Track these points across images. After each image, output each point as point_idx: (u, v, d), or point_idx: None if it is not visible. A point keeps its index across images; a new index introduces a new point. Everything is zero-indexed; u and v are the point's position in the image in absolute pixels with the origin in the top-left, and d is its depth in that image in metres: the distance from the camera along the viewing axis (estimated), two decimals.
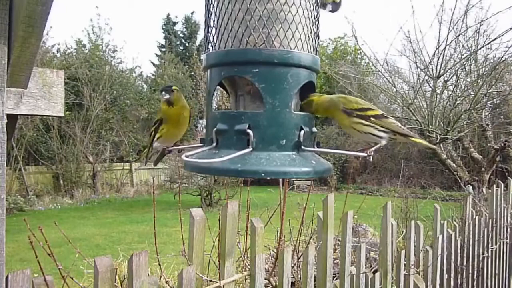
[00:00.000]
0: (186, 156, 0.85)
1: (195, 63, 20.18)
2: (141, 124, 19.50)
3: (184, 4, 52.67)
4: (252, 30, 0.86)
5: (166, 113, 1.13)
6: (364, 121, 0.93)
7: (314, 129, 0.95)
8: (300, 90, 0.91)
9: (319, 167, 0.89)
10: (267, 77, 0.86)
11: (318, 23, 0.96)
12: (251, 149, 0.84)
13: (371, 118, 0.93)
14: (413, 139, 0.98)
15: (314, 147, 0.94)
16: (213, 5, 0.91)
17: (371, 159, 0.94)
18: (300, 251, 2.48)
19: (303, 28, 0.89)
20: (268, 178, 0.83)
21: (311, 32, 0.92)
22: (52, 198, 13.98)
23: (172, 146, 1.19)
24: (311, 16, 0.91)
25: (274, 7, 0.86)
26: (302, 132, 0.88)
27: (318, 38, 0.96)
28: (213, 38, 0.92)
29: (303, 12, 0.89)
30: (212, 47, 0.92)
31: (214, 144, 0.89)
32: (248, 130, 0.84)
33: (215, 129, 0.88)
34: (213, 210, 11.29)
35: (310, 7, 0.91)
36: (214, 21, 0.91)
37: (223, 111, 0.95)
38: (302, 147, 0.88)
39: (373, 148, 0.95)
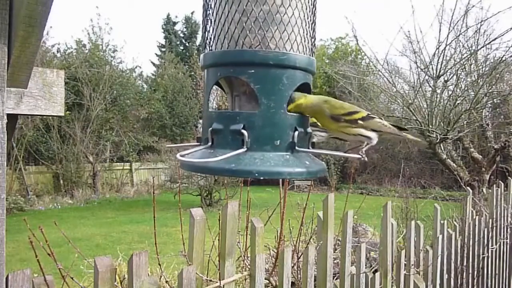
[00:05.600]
0: (181, 156, 0.85)
1: (195, 63, 20.19)
2: (141, 124, 19.50)
3: (184, 4, 52.74)
4: (248, 32, 0.86)
5: None
6: (352, 125, 0.95)
7: (309, 130, 0.95)
8: (296, 91, 0.92)
9: (312, 168, 0.89)
10: (262, 78, 0.86)
11: (315, 25, 0.96)
12: (245, 149, 0.84)
13: (359, 121, 0.95)
14: (400, 135, 1.02)
15: (309, 148, 0.94)
16: (211, 6, 0.91)
17: (366, 159, 0.95)
18: (300, 251, 2.48)
19: (299, 30, 0.89)
20: (262, 178, 0.83)
21: (307, 34, 0.91)
22: (52, 198, 13.99)
23: (170, 145, 1.19)
24: (307, 18, 0.91)
25: (270, 8, 0.86)
26: (297, 133, 0.88)
27: (315, 39, 0.96)
28: (211, 39, 0.92)
29: (299, 14, 0.89)
30: (209, 48, 0.92)
31: (210, 143, 0.89)
32: (243, 130, 0.84)
33: (211, 128, 0.88)
34: (213, 210, 11.29)
35: (306, 9, 0.90)
36: (211, 22, 0.91)
37: (219, 111, 0.95)
38: (296, 147, 0.88)
39: (364, 148, 0.96)
